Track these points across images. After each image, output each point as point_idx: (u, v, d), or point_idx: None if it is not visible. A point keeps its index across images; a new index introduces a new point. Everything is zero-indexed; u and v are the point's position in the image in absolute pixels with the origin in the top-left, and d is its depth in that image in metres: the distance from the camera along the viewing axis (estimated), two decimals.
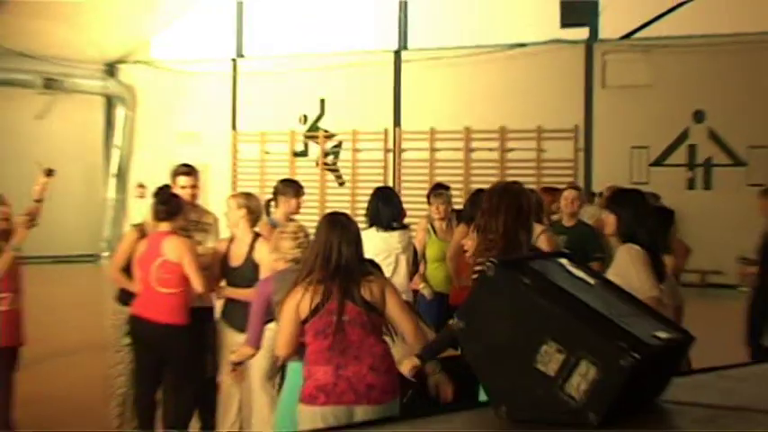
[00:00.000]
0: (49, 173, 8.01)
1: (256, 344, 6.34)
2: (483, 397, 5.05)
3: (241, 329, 7.26)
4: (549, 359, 2.74)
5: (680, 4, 20.00)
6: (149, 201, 8.13)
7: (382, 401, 5.29)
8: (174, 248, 7.42)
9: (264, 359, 7.44)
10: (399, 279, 8.35)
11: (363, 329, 5.33)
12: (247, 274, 7.64)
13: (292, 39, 23.95)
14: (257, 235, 7.92)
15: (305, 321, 5.37)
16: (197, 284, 7.45)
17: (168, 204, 7.65)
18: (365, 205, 9.11)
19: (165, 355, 7.60)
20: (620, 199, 6.28)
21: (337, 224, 5.54)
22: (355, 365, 5.28)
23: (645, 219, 6.04)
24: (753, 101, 19.43)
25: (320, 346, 5.32)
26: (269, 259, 7.04)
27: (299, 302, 5.39)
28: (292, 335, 5.45)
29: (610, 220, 6.10)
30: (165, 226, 7.55)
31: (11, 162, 21.22)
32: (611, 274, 5.45)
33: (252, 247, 7.76)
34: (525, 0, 21.83)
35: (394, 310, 5.48)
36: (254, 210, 8.00)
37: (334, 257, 5.40)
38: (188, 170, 8.44)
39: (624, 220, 6.01)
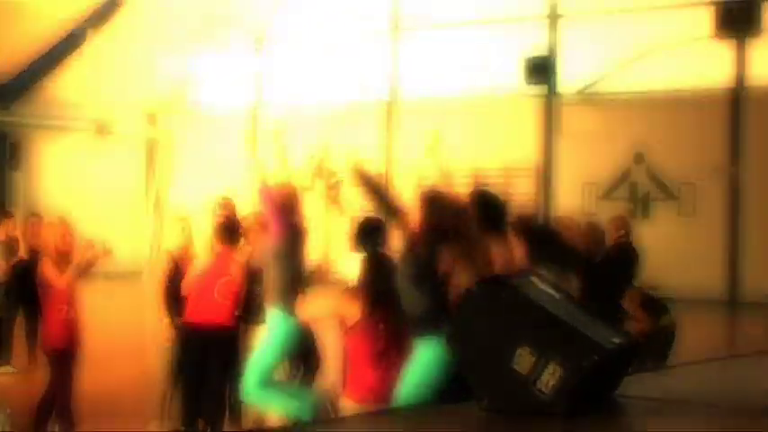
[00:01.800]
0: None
1: None
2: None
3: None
4: (524, 360, 2.74)
5: (624, 65, 20.07)
6: (180, 226, 8.12)
7: None
8: (240, 271, 7.60)
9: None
10: None
11: (401, 338, 5.17)
12: None
13: (302, 92, 23.95)
14: None
15: (353, 325, 5.26)
16: (242, 298, 7.68)
17: (235, 231, 7.74)
18: None
19: (213, 353, 7.54)
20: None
21: (380, 259, 5.56)
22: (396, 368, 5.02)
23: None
24: (683, 146, 19.46)
25: (367, 350, 5.15)
26: None
27: (348, 305, 5.34)
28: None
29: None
30: (228, 248, 7.60)
31: (69, 194, 21.18)
32: None
33: None
34: (496, 61, 21.87)
35: None
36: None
37: (381, 286, 5.29)
38: (226, 201, 8.54)
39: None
